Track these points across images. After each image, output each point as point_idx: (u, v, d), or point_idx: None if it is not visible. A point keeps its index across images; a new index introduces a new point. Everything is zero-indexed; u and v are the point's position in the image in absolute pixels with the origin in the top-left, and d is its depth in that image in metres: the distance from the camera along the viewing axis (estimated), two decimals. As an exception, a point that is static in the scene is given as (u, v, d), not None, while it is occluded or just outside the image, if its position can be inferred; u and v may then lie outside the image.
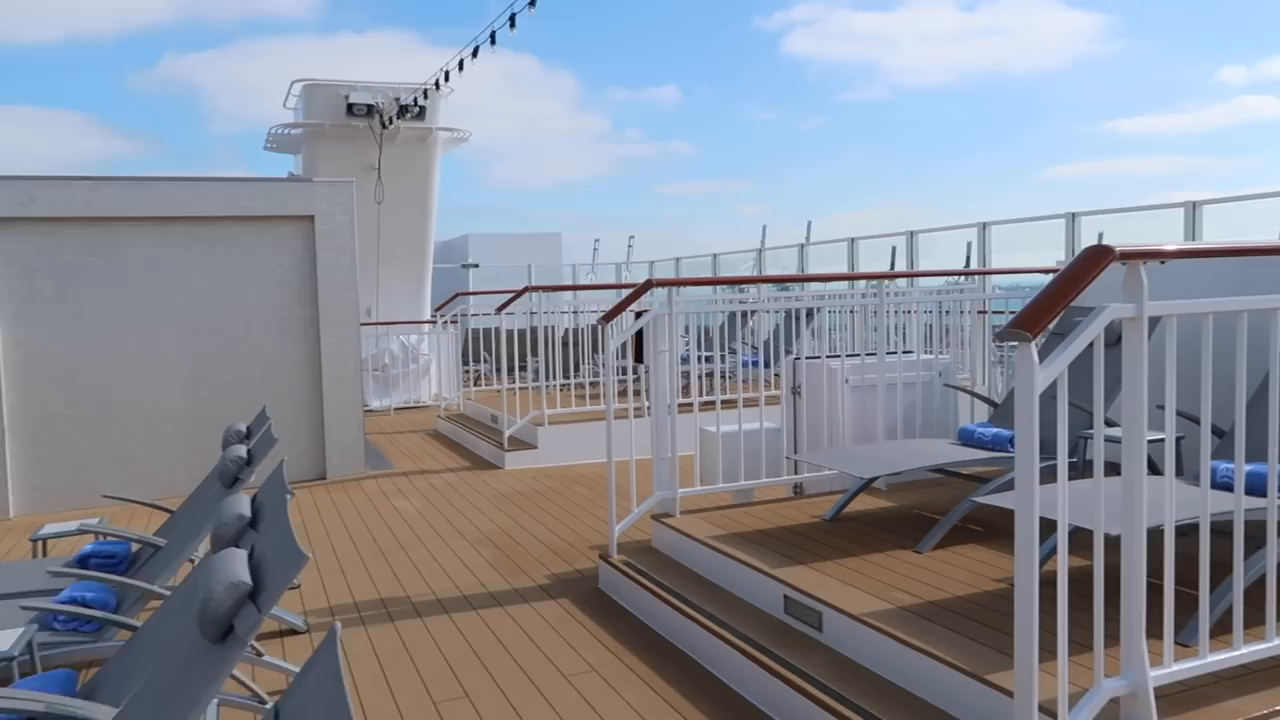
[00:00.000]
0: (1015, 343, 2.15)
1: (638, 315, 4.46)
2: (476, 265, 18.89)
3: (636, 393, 6.79)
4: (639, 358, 4.69)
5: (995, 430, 4.39)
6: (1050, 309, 2.15)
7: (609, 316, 4.21)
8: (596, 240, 25.17)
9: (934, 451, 4.31)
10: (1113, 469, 2.56)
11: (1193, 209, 7.65)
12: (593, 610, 4.28)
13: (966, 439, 4.50)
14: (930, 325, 7.79)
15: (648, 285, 4.33)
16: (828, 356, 5.08)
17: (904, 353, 5.68)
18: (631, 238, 25.01)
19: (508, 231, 20.92)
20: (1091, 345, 2.21)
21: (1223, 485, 3.06)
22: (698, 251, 17.21)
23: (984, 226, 10.33)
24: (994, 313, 6.58)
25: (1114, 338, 2.33)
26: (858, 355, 5.13)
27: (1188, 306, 2.33)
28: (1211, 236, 7.69)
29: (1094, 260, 2.17)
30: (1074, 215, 9.24)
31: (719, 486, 4.83)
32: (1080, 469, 4.02)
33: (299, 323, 7.56)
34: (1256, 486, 2.83)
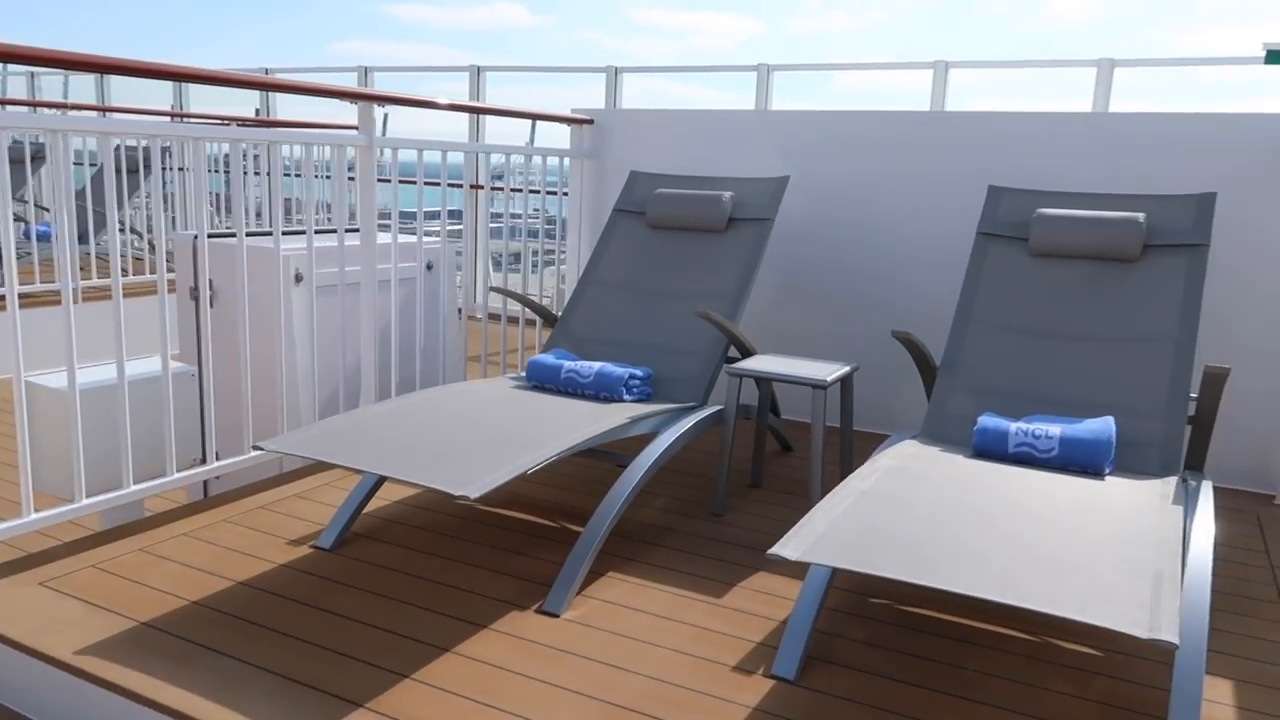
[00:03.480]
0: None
1: None
2: None
3: None
4: None
5: (598, 367, 2.69)
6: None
7: None
8: None
9: (552, 424, 2.42)
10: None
11: (614, 74, 6.95)
12: None
13: (548, 379, 2.72)
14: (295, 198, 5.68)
15: None
16: (287, 233, 2.79)
17: (347, 230, 3.53)
18: None
19: None
20: None
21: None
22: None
23: (365, 71, 8.32)
24: (461, 183, 4.76)
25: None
26: (332, 231, 2.92)
27: None
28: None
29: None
30: (477, 68, 7.87)
31: (78, 507, 2.30)
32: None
33: None
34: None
